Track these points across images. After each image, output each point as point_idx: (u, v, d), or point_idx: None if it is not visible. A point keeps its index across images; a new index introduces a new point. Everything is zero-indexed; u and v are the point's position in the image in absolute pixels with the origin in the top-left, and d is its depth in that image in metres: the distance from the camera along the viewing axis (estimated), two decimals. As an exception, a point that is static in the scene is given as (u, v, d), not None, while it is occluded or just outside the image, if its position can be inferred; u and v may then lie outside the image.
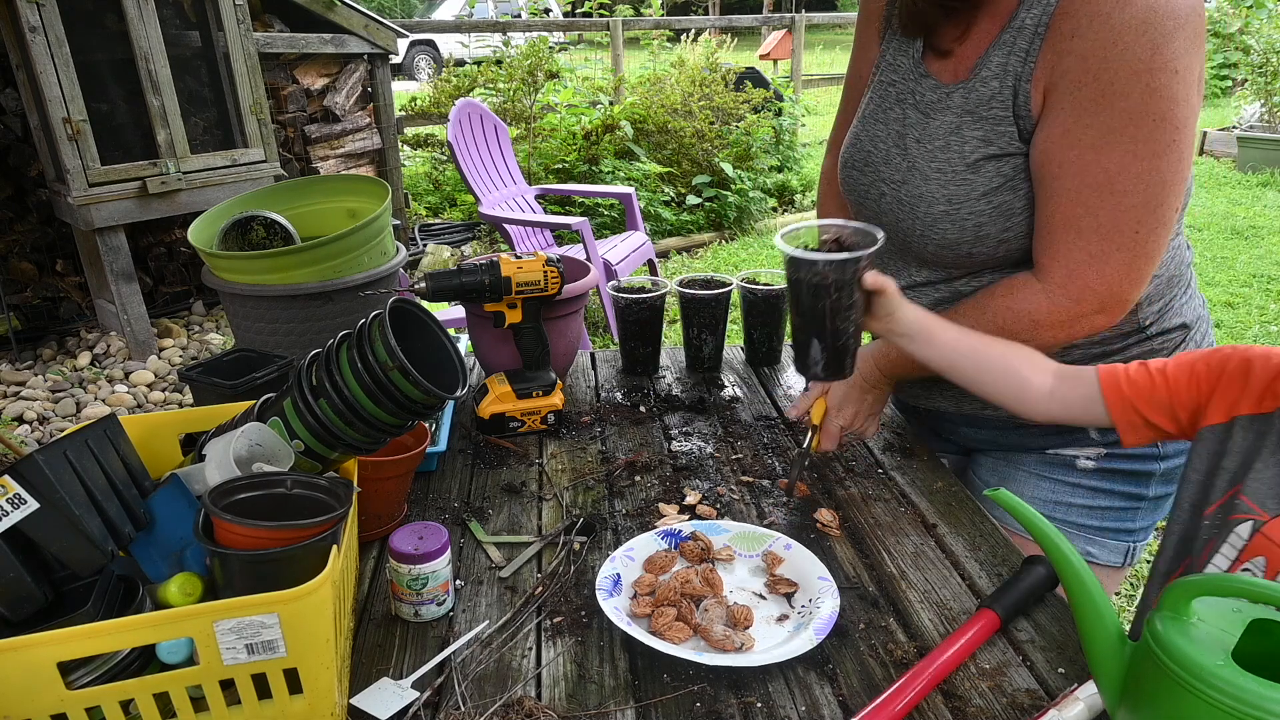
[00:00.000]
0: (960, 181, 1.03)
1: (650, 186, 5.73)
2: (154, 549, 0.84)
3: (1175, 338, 1.10)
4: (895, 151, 1.11)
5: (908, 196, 1.09)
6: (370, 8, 7.02)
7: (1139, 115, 0.89)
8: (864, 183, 1.16)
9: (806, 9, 18.56)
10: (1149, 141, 0.90)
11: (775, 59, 10.76)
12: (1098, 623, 0.71)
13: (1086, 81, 0.91)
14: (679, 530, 1.04)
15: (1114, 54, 0.89)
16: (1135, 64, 0.88)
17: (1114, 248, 0.94)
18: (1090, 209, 0.94)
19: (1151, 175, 0.91)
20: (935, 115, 1.06)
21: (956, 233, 1.05)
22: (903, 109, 1.11)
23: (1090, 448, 1.15)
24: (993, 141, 1.00)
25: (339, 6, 4.50)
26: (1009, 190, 1.01)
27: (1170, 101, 0.89)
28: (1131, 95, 0.89)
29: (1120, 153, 0.91)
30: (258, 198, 1.71)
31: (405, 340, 0.91)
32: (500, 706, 0.79)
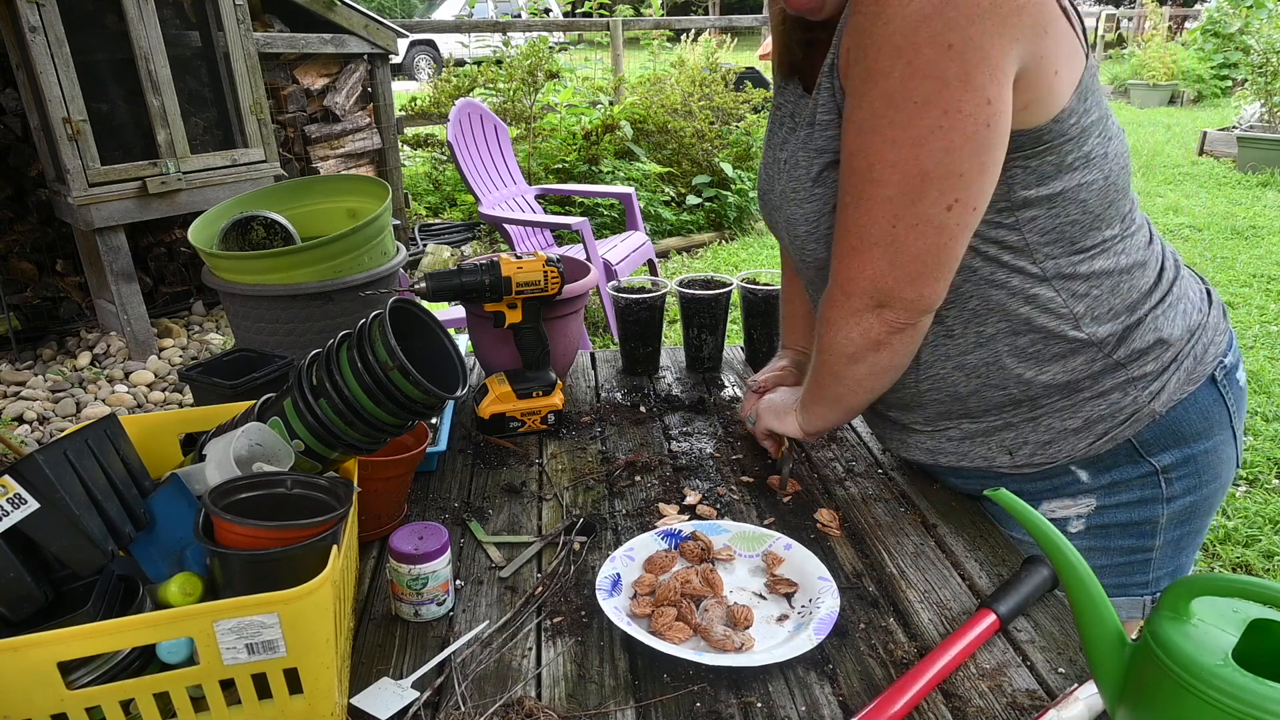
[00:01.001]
0: (810, 198, 0.98)
1: (650, 186, 5.73)
2: (154, 549, 0.84)
3: (1156, 357, 0.98)
4: (775, 178, 1.06)
5: (785, 220, 1.05)
6: (370, 8, 7.02)
7: (898, 98, 0.79)
8: (765, 212, 1.13)
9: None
10: (907, 128, 0.80)
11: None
12: (1098, 623, 0.71)
13: (857, 59, 0.83)
14: (679, 530, 1.04)
15: (878, 27, 0.79)
16: (896, 38, 0.78)
17: (869, 243, 0.87)
18: (855, 199, 0.87)
19: (909, 165, 0.81)
20: (797, 130, 1.01)
21: (824, 250, 0.99)
22: (780, 131, 1.06)
23: (1082, 498, 1.05)
24: (825, 150, 0.94)
25: (339, 6, 4.50)
26: None
27: (938, 82, 0.78)
28: (892, 75, 0.79)
29: (879, 139, 0.82)
30: (258, 198, 1.71)
31: (405, 340, 0.91)
32: (500, 706, 0.79)
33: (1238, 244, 5.46)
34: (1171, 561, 1.06)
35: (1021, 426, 1.03)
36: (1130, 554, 1.06)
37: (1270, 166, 7.33)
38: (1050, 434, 1.02)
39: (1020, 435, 1.04)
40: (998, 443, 1.06)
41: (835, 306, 0.94)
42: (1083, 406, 1.00)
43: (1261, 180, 7.13)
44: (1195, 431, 1.00)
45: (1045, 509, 1.07)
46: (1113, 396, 0.99)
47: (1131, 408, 0.99)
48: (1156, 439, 1.00)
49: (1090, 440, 1.00)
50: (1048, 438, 1.02)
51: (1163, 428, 0.99)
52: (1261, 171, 7.33)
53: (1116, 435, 1.00)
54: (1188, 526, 1.05)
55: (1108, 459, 1.02)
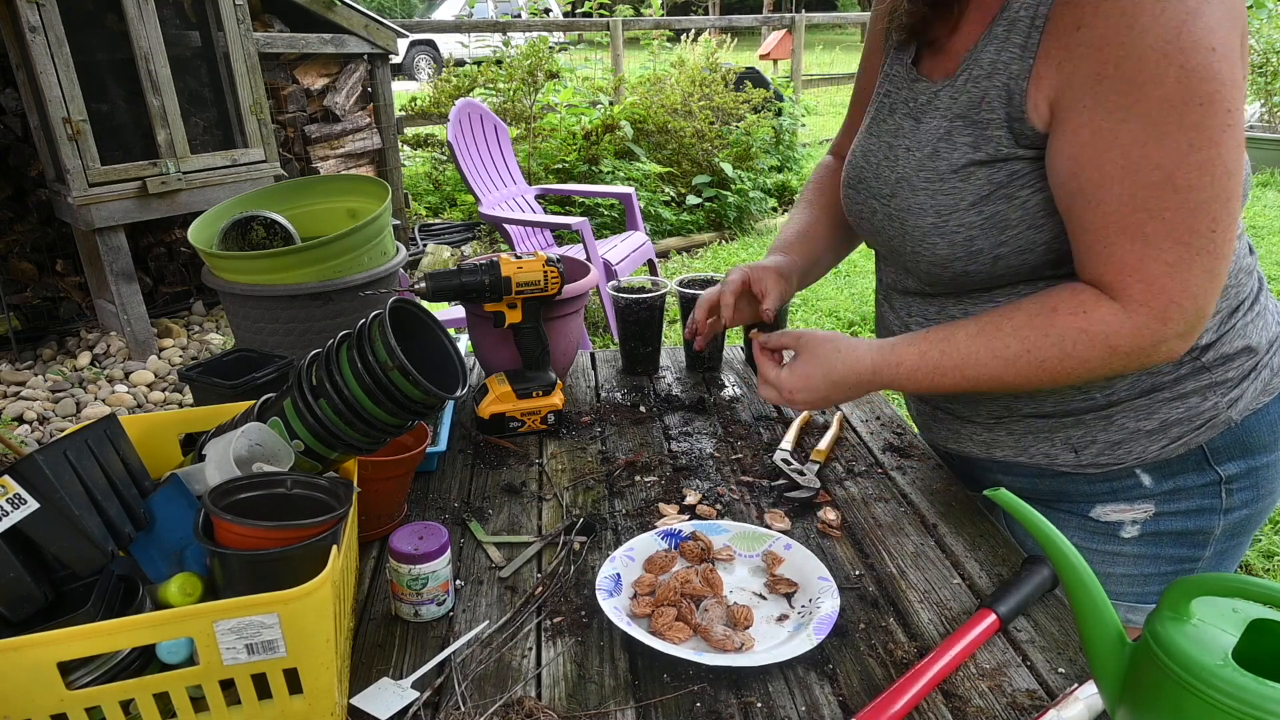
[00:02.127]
0: (949, 190, 0.93)
1: (650, 186, 5.73)
2: (154, 549, 0.84)
3: (1240, 365, 0.96)
4: (885, 164, 1.02)
5: (896, 210, 0.99)
6: (370, 8, 7.02)
7: (1181, 101, 0.77)
8: (858, 201, 1.08)
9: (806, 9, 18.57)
10: (1202, 128, 0.78)
11: (775, 59, 10.77)
12: (1098, 623, 0.71)
13: (1108, 73, 0.79)
14: (679, 530, 1.04)
15: (1133, 38, 0.77)
16: (1161, 45, 0.76)
17: (1194, 252, 0.81)
18: (1154, 213, 0.81)
19: (1216, 165, 0.79)
20: (925, 118, 0.97)
21: (947, 248, 0.95)
22: (896, 118, 1.02)
23: (1140, 503, 1.01)
24: (981, 147, 0.91)
25: (339, 6, 4.50)
26: (1002, 199, 0.91)
27: (1215, 82, 0.77)
28: (1166, 80, 0.77)
29: (1172, 144, 0.79)
30: (258, 198, 1.71)
31: (405, 340, 0.91)
32: (500, 706, 0.79)
33: (1238, 244, 5.46)
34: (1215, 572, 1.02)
35: (1093, 424, 0.99)
36: (1179, 563, 1.04)
37: (1270, 166, 7.33)
38: (1122, 434, 0.98)
39: (1090, 433, 1.00)
40: (1063, 439, 1.01)
41: (1142, 334, 0.84)
42: (1160, 408, 0.96)
43: (1261, 180, 7.13)
44: (1263, 444, 0.99)
45: (1099, 511, 1.04)
46: (1191, 400, 0.96)
47: (1210, 413, 0.96)
48: (1226, 447, 0.98)
49: (1164, 443, 0.97)
50: (1119, 437, 0.99)
51: (1234, 436, 0.97)
52: (1261, 171, 7.32)
53: (1190, 440, 0.97)
54: (1236, 540, 1.03)
55: (1175, 464, 0.99)
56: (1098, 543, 1.05)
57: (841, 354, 0.98)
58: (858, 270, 5.10)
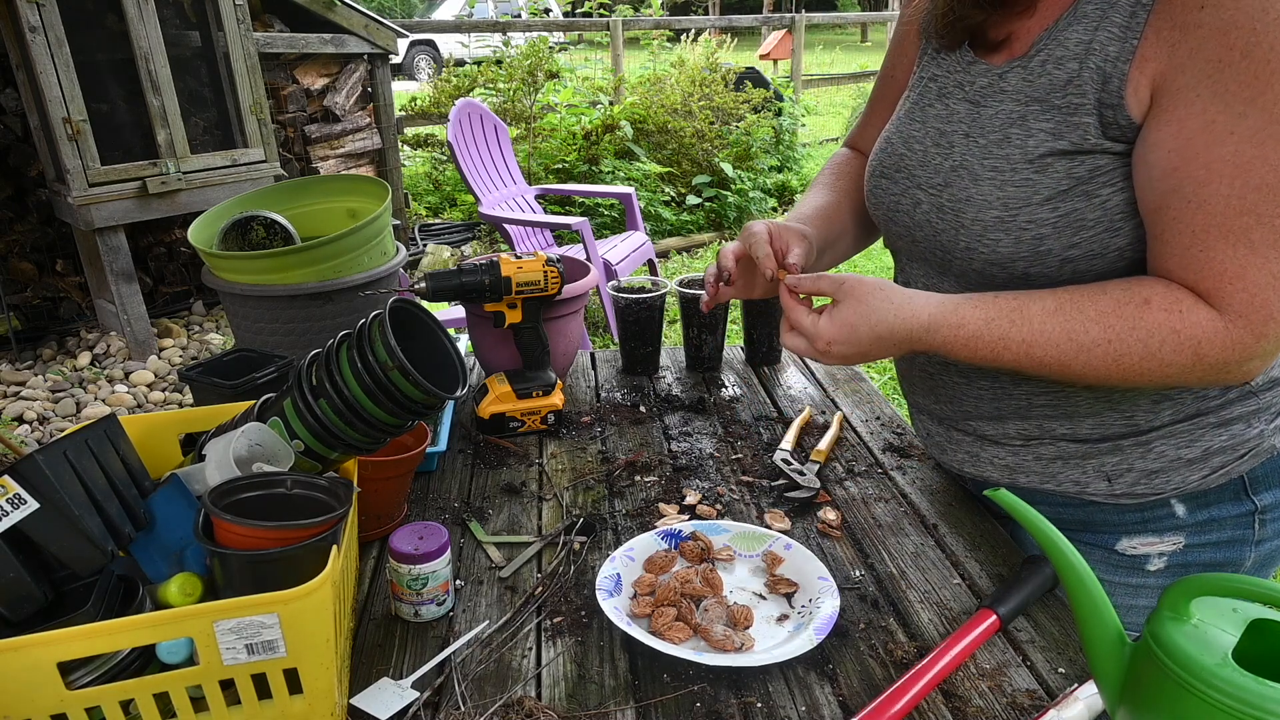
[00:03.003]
0: (1021, 182, 0.84)
1: (650, 186, 5.73)
2: (154, 549, 0.84)
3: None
4: (935, 151, 0.93)
5: (950, 201, 0.90)
6: (370, 8, 7.02)
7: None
8: (894, 192, 0.99)
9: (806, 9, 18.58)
10: None
11: (775, 59, 10.77)
12: (1098, 623, 0.71)
13: (1233, 60, 0.72)
14: (679, 530, 1.04)
15: (1268, 24, 0.70)
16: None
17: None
18: (1262, 217, 0.74)
19: None
20: (989, 102, 0.88)
21: (1011, 245, 0.86)
22: (947, 103, 0.94)
23: (1170, 535, 0.95)
24: (1064, 135, 0.82)
25: (339, 6, 4.50)
26: (1080, 196, 0.82)
27: None
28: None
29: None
30: (258, 198, 1.71)
31: (405, 340, 0.91)
32: (500, 706, 0.79)
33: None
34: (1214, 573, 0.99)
35: (1130, 451, 0.93)
36: None
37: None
38: (1161, 462, 0.92)
39: (1126, 460, 0.93)
40: (1096, 467, 0.95)
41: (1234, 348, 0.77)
42: (1204, 435, 0.91)
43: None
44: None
45: (1125, 545, 0.98)
46: (1236, 427, 0.90)
47: (1254, 441, 0.91)
48: (1265, 477, 0.92)
49: (1205, 473, 0.91)
50: (1157, 466, 0.92)
51: (1274, 465, 0.92)
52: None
53: (1232, 470, 0.91)
54: (1264, 571, 0.99)
55: (1212, 495, 0.93)
56: (1121, 575, 1.00)
57: (894, 303, 0.87)
58: (857, 269, 5.11)
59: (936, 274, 0.98)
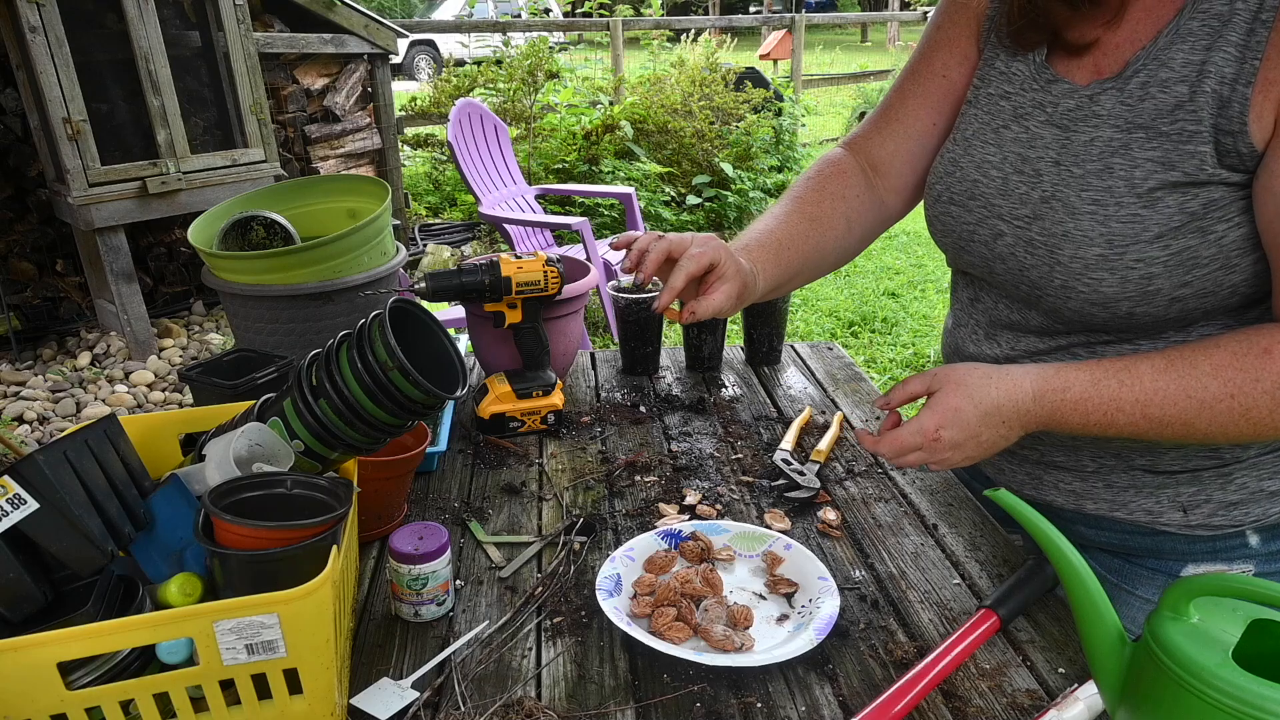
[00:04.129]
0: (1127, 217, 0.78)
1: (650, 186, 5.73)
2: (154, 549, 0.84)
3: None
4: (1018, 179, 0.87)
5: (1042, 236, 0.84)
6: (370, 8, 7.01)
7: None
8: (968, 221, 0.92)
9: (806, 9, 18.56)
10: None
11: (775, 59, 10.78)
12: (1098, 623, 0.71)
13: None
14: (679, 530, 1.04)
15: None
16: None
17: None
18: None
19: None
20: (1080, 128, 0.82)
21: (1116, 285, 0.79)
22: (1026, 125, 0.87)
23: (1239, 564, 0.90)
24: (1175, 165, 0.75)
25: (339, 6, 4.50)
26: (1194, 232, 0.75)
27: None
28: None
29: None
30: (258, 198, 1.71)
31: (405, 340, 0.91)
32: (500, 706, 0.79)
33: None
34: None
35: (1209, 482, 0.88)
36: None
37: None
38: (1241, 494, 0.88)
39: (1204, 491, 0.88)
40: (1171, 496, 0.90)
41: None
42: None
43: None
44: None
45: (1189, 570, 0.93)
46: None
47: None
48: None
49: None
50: (1237, 498, 0.88)
51: None
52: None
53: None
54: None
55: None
56: None
57: (993, 378, 0.81)
58: (858, 270, 5.10)
59: (1021, 306, 0.92)
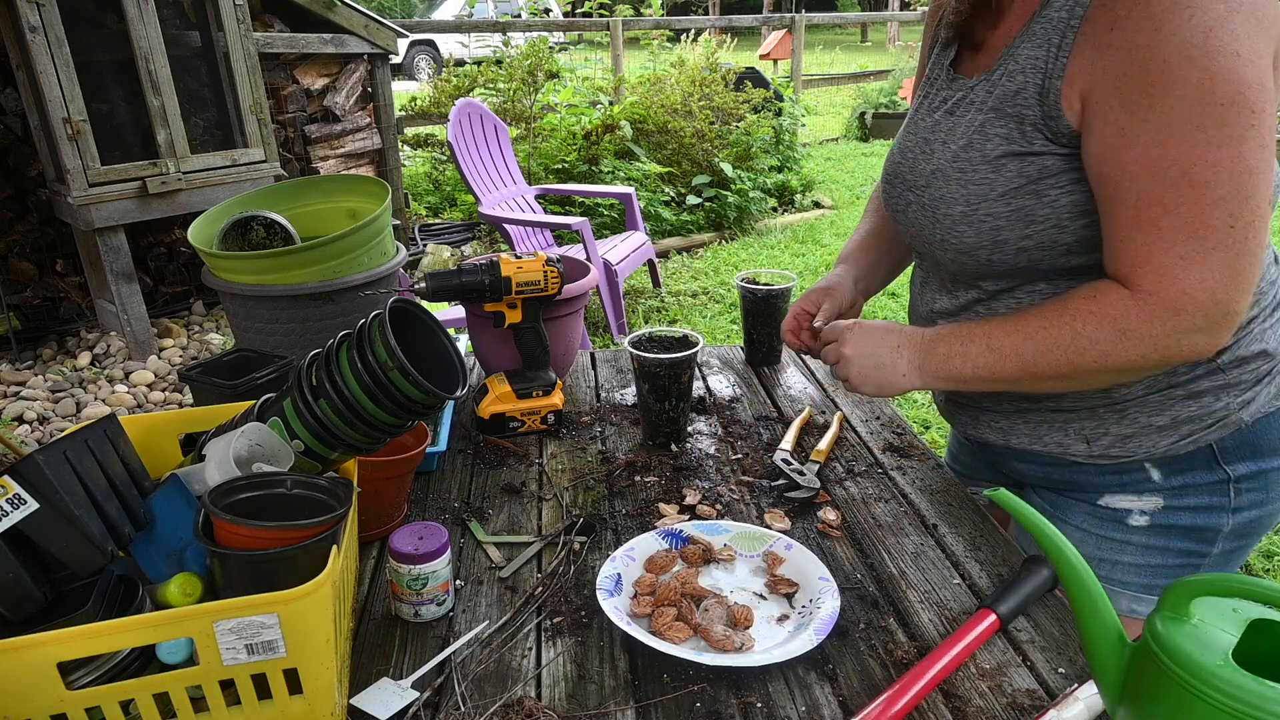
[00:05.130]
0: (980, 180, 0.96)
1: (650, 186, 5.73)
2: (154, 549, 0.84)
3: (1255, 368, 0.98)
4: (921, 158, 1.06)
5: (930, 201, 1.03)
6: (370, 8, 7.02)
7: (1203, 101, 0.80)
8: (894, 195, 1.13)
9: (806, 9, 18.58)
10: (1223, 127, 0.80)
11: (775, 59, 10.78)
12: (1098, 623, 0.71)
13: (1134, 73, 0.82)
14: (679, 530, 1.04)
15: (1160, 40, 0.80)
16: (1187, 48, 0.79)
17: (1209, 246, 0.83)
18: (1169, 207, 0.83)
19: (1235, 162, 0.81)
20: (960, 112, 1.01)
21: (973, 236, 0.98)
22: (933, 115, 1.07)
23: (1149, 496, 1.04)
24: (1015, 140, 0.93)
25: (339, 6, 4.50)
26: (1030, 194, 0.93)
27: (1238, 84, 0.79)
28: (1190, 81, 0.80)
29: (1191, 142, 0.81)
30: (258, 198, 1.71)
31: (405, 340, 0.91)
32: (500, 706, 0.79)
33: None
34: (1220, 570, 1.06)
35: (1105, 416, 1.02)
36: (1186, 557, 1.05)
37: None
38: (1134, 428, 1.01)
39: (1102, 425, 1.03)
40: (1076, 430, 1.04)
41: (1152, 322, 0.87)
42: (1173, 405, 0.99)
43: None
44: (1273, 447, 1.00)
45: (1107, 500, 1.07)
46: (1205, 399, 0.98)
47: (1221, 413, 0.98)
48: (1236, 448, 1.00)
49: (1174, 439, 1.00)
50: (1130, 431, 1.01)
51: (1245, 438, 0.99)
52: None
53: (1200, 438, 0.99)
54: (1244, 540, 1.05)
55: (1184, 461, 1.01)
56: (1106, 530, 1.08)
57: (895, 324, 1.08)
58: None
59: (930, 265, 1.14)
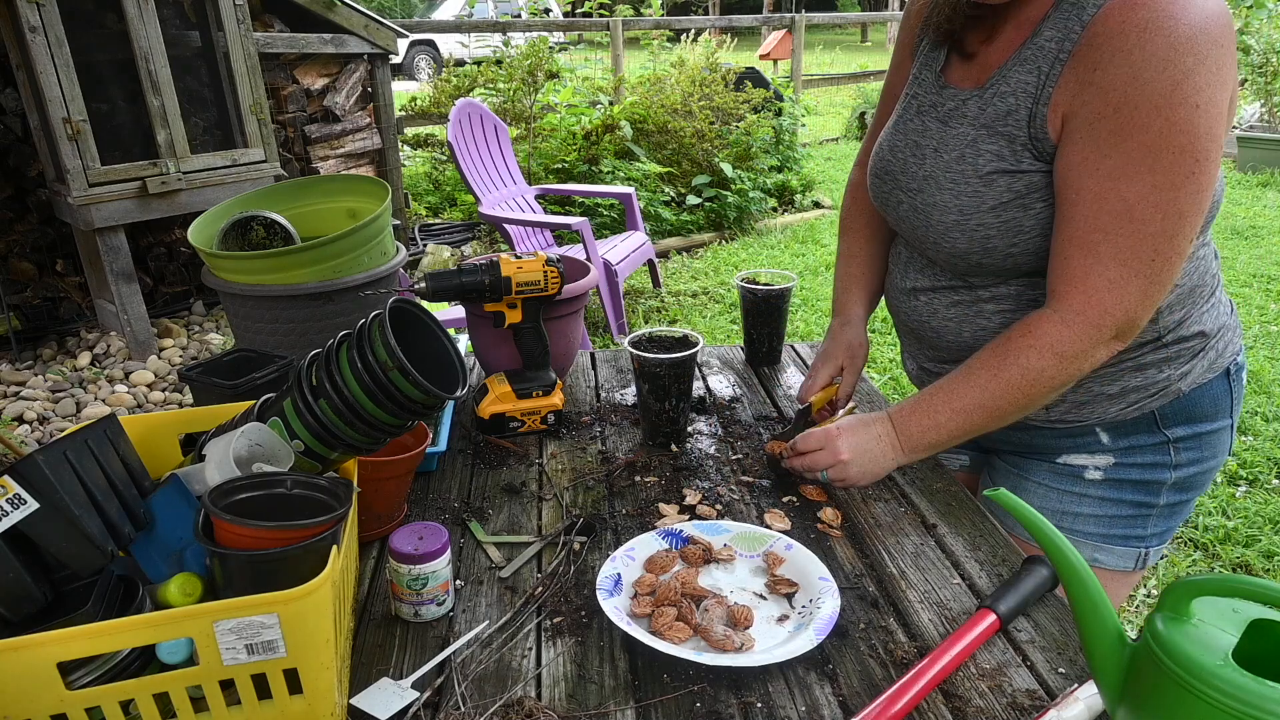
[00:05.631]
0: (972, 193, 1.04)
1: (650, 186, 5.73)
2: (154, 549, 0.84)
3: (1193, 345, 1.10)
4: (913, 161, 1.13)
5: (923, 205, 1.11)
6: (370, 8, 7.02)
7: (1158, 149, 0.91)
8: (884, 190, 1.20)
9: (806, 9, 18.58)
10: (1168, 173, 0.91)
11: (775, 59, 10.78)
12: (1098, 623, 0.71)
13: (1107, 114, 0.92)
14: (679, 531, 1.04)
15: (1135, 89, 0.90)
16: (1156, 99, 0.89)
17: (1131, 274, 0.96)
18: (1108, 235, 0.95)
19: (1170, 206, 0.92)
20: (953, 124, 1.08)
21: (966, 243, 1.07)
22: (923, 120, 1.14)
23: (1100, 455, 1.16)
24: (1005, 156, 1.02)
25: (339, 6, 4.50)
26: (1018, 207, 1.02)
27: (1190, 135, 0.90)
28: (1151, 129, 0.90)
29: (1140, 184, 0.92)
30: (258, 198, 1.71)
31: (405, 340, 0.91)
32: (500, 706, 0.79)
33: (1238, 244, 5.46)
34: (1165, 523, 1.19)
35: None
36: (1136, 508, 1.17)
37: (1270, 166, 7.33)
38: (1087, 396, 1.12)
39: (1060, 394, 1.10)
40: None
41: (1080, 340, 0.99)
42: (1122, 376, 1.10)
43: (1261, 180, 7.13)
44: (1205, 413, 1.13)
45: (1064, 459, 1.18)
46: (1150, 372, 1.10)
47: (1163, 384, 1.10)
48: (1174, 414, 1.12)
49: (1122, 406, 1.12)
50: (1084, 399, 1.12)
51: (1181, 405, 1.12)
52: (1261, 171, 7.32)
53: (1144, 405, 1.12)
54: (1184, 495, 1.18)
55: (1129, 425, 1.13)
56: (1065, 484, 1.19)
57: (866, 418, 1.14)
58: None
59: (918, 254, 1.20)
